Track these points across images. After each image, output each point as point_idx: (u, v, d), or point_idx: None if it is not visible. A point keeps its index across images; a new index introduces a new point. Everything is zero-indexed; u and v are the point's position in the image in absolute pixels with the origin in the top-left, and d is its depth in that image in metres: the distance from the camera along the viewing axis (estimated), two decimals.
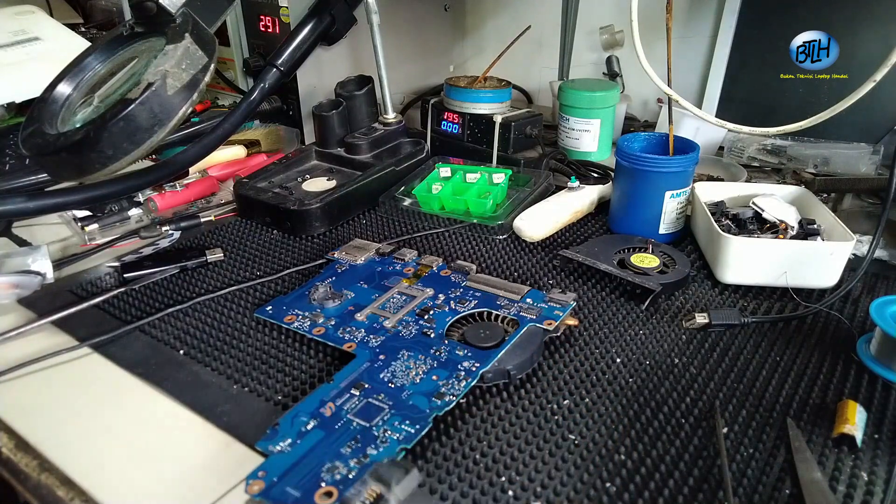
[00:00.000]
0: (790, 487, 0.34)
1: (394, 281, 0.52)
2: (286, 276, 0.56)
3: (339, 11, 0.69)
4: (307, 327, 0.47)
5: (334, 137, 0.74)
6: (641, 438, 0.38)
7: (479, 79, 0.80)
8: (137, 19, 0.46)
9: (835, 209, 0.65)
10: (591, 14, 0.95)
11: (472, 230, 0.63)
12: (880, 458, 0.36)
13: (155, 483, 0.36)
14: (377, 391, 0.40)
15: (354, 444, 0.36)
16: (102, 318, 0.50)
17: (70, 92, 0.46)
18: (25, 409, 0.41)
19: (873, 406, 0.40)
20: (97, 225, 0.63)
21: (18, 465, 0.37)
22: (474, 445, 0.37)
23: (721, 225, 0.55)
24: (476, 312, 0.48)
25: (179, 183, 0.70)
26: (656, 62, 0.60)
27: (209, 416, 0.40)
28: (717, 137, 0.82)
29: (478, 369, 0.41)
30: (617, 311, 0.50)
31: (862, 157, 0.73)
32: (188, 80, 0.41)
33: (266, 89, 0.59)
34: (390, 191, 0.69)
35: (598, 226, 0.65)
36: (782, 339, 0.47)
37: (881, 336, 0.43)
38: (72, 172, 0.42)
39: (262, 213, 0.65)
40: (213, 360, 0.45)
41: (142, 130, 0.40)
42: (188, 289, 0.54)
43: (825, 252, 0.51)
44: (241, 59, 0.84)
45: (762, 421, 0.39)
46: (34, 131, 0.43)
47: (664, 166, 0.58)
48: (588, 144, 0.81)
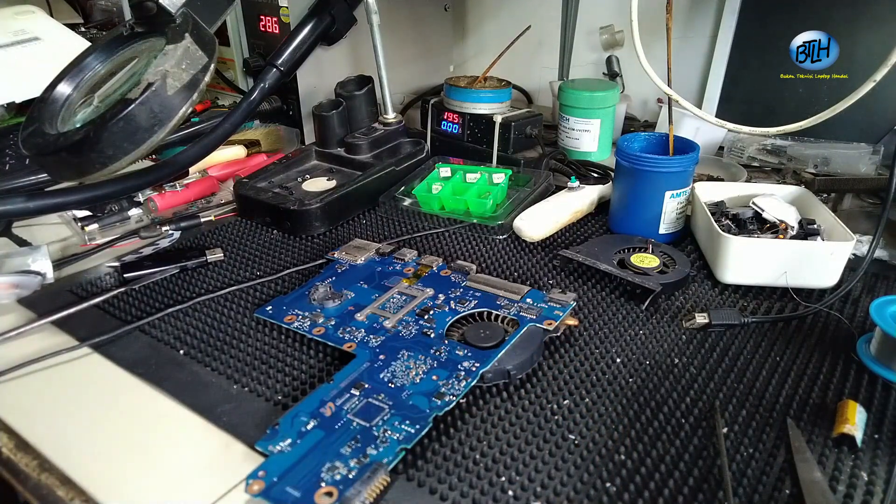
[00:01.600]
0: (790, 487, 0.34)
1: (394, 281, 0.52)
2: (286, 276, 0.56)
3: (339, 11, 0.69)
4: (307, 327, 0.47)
5: (334, 137, 0.74)
6: (641, 438, 0.38)
7: (479, 79, 0.80)
8: (137, 19, 0.46)
9: (835, 209, 0.65)
10: (591, 14, 0.95)
11: (472, 230, 0.63)
12: (880, 458, 0.36)
13: (155, 483, 0.36)
14: (377, 391, 0.40)
15: (354, 444, 0.36)
16: (102, 318, 0.50)
17: (70, 92, 0.46)
18: (25, 409, 0.41)
19: (873, 406, 0.40)
20: (97, 225, 0.63)
21: (18, 465, 0.37)
22: (474, 445, 0.37)
23: (721, 225, 0.55)
24: (476, 312, 0.48)
25: (179, 183, 0.70)
26: (656, 62, 0.60)
27: (209, 416, 0.40)
28: (717, 137, 0.82)
29: (478, 369, 0.41)
30: (617, 311, 0.50)
31: (862, 157, 0.73)
32: (188, 80, 0.41)
33: (266, 89, 0.59)
34: (390, 191, 0.69)
35: (598, 226, 0.65)
36: (782, 339, 0.47)
37: (881, 336, 0.43)
38: (72, 172, 0.42)
39: (262, 213, 0.65)
40: (213, 360, 0.45)
41: (142, 130, 0.40)
42: (188, 289, 0.54)
43: (825, 252, 0.51)
44: (241, 59, 0.84)
45: (762, 421, 0.39)
46: (34, 131, 0.43)
47: (664, 166, 0.58)
48: (588, 144, 0.81)
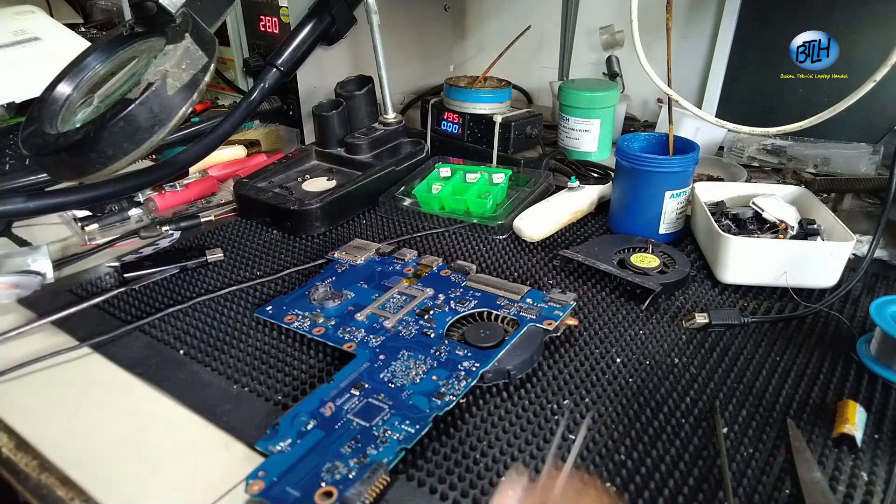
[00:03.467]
0: (790, 487, 0.34)
1: (394, 281, 0.52)
2: (286, 276, 0.56)
3: (339, 11, 0.69)
4: (307, 327, 0.47)
5: (334, 137, 0.74)
6: (641, 438, 0.38)
7: (479, 79, 0.80)
8: (137, 19, 0.46)
9: (835, 209, 0.65)
10: (591, 14, 0.95)
11: (472, 230, 0.63)
12: (880, 458, 0.36)
13: (155, 483, 0.36)
14: (377, 391, 0.40)
15: (354, 444, 0.36)
16: (102, 318, 0.50)
17: (70, 92, 0.46)
18: (25, 409, 0.41)
19: (873, 406, 0.40)
20: (97, 225, 0.63)
21: (18, 465, 0.37)
22: (474, 445, 0.37)
23: (721, 225, 0.55)
24: (476, 312, 0.48)
25: (179, 183, 0.70)
26: (656, 62, 0.60)
27: (209, 416, 0.40)
28: (717, 137, 0.82)
29: (478, 369, 0.41)
30: (617, 311, 0.50)
31: (862, 157, 0.73)
32: (188, 80, 0.41)
33: (266, 89, 0.59)
34: (390, 191, 0.69)
35: (598, 226, 0.65)
36: (782, 339, 0.47)
37: (881, 336, 0.43)
38: (72, 172, 0.42)
39: (262, 213, 0.65)
40: (213, 360, 0.45)
41: (142, 130, 0.40)
42: (188, 289, 0.54)
43: (825, 252, 0.51)
44: (241, 59, 0.84)
45: (762, 421, 0.39)
46: (34, 131, 0.43)
47: (664, 166, 0.58)
48: (588, 144, 0.81)
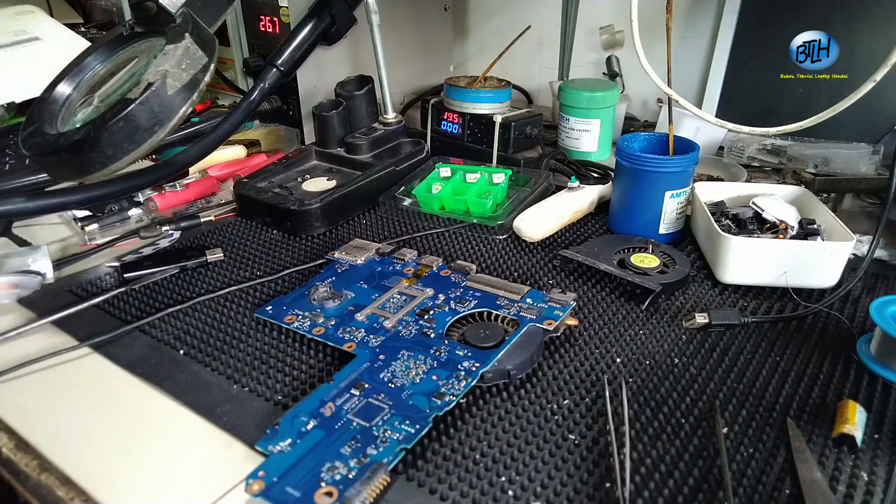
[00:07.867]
0: (790, 487, 0.34)
1: (394, 281, 0.52)
2: (286, 276, 0.56)
3: (339, 11, 0.69)
4: (307, 327, 0.47)
5: (334, 137, 0.74)
6: (641, 438, 0.38)
7: (479, 79, 0.80)
8: (137, 19, 0.46)
9: (835, 209, 0.65)
10: (591, 14, 0.95)
11: (472, 230, 0.63)
12: (880, 458, 0.36)
13: (155, 483, 0.36)
14: (377, 391, 0.40)
15: (354, 444, 0.36)
16: (102, 318, 0.50)
17: (70, 92, 0.46)
18: (25, 409, 0.41)
19: (873, 406, 0.40)
20: (97, 225, 0.63)
21: (18, 465, 0.37)
22: (474, 445, 0.37)
23: (721, 225, 0.55)
24: (476, 312, 0.48)
25: (179, 183, 0.70)
26: (656, 62, 0.60)
27: (209, 416, 0.40)
28: (717, 137, 0.82)
29: (478, 369, 0.41)
30: (617, 311, 0.50)
31: (862, 157, 0.73)
32: (188, 80, 0.41)
33: (266, 89, 0.59)
34: (390, 191, 0.69)
35: (598, 226, 0.65)
36: (782, 339, 0.47)
37: (881, 336, 0.43)
38: (72, 172, 0.42)
39: (262, 213, 0.65)
40: (213, 360, 0.45)
41: (142, 130, 0.40)
42: (188, 289, 0.54)
43: (825, 252, 0.51)
44: (241, 59, 0.84)
45: (762, 421, 0.39)
46: (34, 131, 0.43)
47: (664, 166, 0.58)
48: (588, 144, 0.81)
